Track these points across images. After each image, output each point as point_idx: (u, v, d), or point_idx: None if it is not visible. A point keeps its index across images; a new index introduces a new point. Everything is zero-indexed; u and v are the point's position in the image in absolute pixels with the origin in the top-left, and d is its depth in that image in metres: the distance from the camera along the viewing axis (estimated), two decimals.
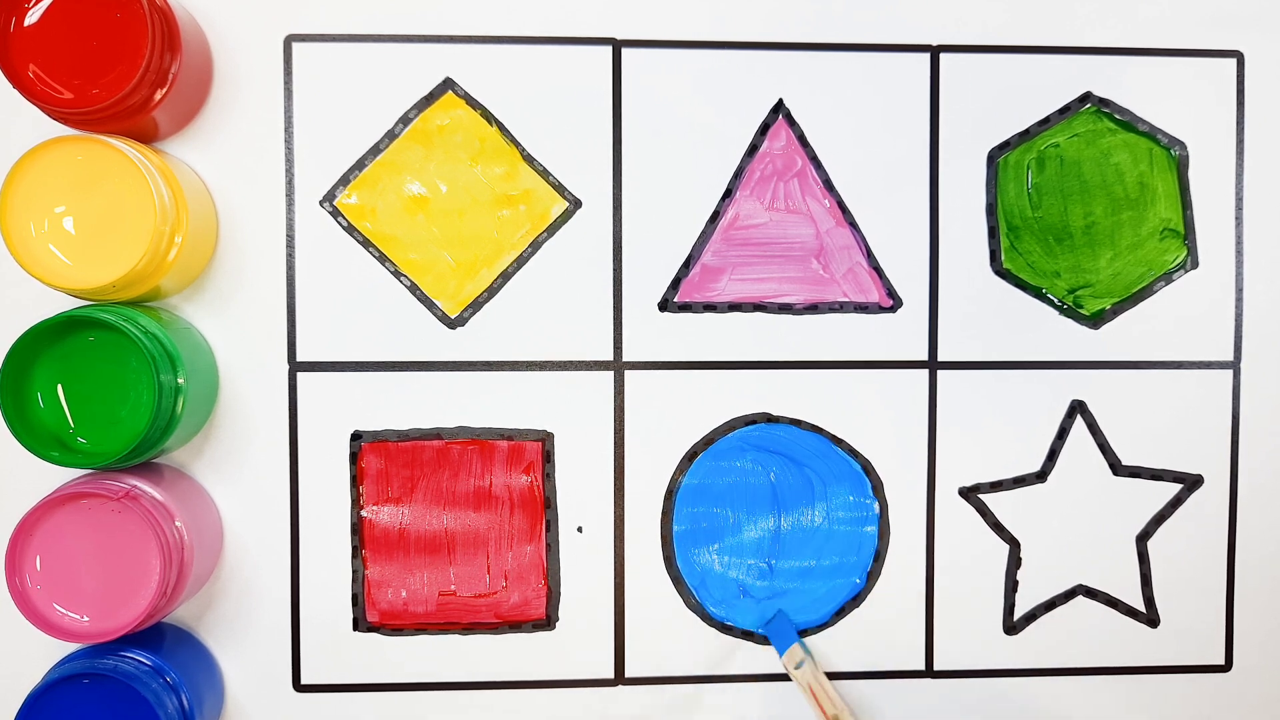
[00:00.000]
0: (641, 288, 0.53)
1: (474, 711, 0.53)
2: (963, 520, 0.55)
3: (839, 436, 0.54)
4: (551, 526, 0.53)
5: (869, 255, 0.54)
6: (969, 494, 0.55)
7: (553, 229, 0.53)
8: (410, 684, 0.53)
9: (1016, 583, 0.55)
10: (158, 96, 0.47)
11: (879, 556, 0.54)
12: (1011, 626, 0.55)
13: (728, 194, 0.53)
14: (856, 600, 0.54)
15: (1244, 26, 0.54)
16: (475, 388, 0.52)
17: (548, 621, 0.53)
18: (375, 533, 0.52)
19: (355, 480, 0.52)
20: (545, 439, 0.53)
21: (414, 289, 0.52)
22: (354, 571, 0.53)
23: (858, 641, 0.54)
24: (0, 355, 0.46)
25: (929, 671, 0.55)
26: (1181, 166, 0.55)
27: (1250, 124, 0.55)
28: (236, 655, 0.52)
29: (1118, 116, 0.54)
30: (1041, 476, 0.55)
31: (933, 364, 0.54)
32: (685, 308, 0.53)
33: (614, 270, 0.53)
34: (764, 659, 0.54)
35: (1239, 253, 0.55)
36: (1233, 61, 0.55)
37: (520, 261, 0.53)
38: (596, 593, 0.53)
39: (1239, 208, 0.55)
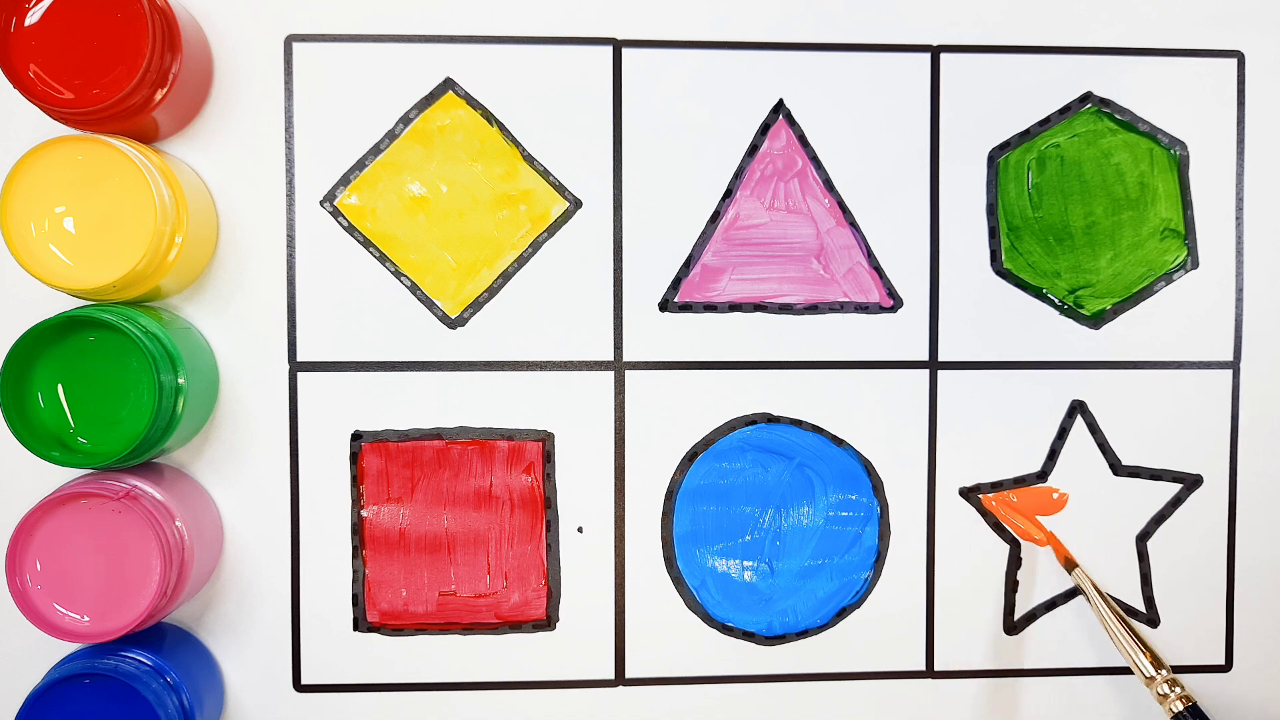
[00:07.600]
0: (642, 288, 0.53)
1: (474, 712, 0.53)
2: (963, 520, 0.55)
3: (839, 436, 0.54)
4: (552, 527, 0.53)
5: (869, 255, 0.54)
6: (969, 494, 0.55)
7: (553, 229, 0.53)
8: (410, 684, 0.53)
9: (1016, 583, 0.55)
10: (158, 96, 0.47)
11: (879, 556, 0.54)
12: (1011, 626, 0.55)
13: (728, 194, 0.53)
14: (857, 600, 0.54)
15: (1244, 26, 0.54)
16: (475, 388, 0.52)
17: (548, 622, 0.53)
18: (375, 533, 0.52)
19: (355, 480, 0.52)
20: (545, 439, 0.53)
21: (414, 289, 0.52)
22: (354, 571, 0.52)
23: (858, 641, 0.54)
24: (0, 355, 0.46)
25: (929, 671, 0.55)
26: (1182, 166, 0.55)
27: (1250, 124, 0.55)
28: (236, 655, 0.52)
29: (1118, 116, 0.54)
30: (1041, 476, 0.55)
31: (933, 364, 0.54)
32: (685, 308, 0.53)
33: (614, 270, 0.53)
34: (764, 659, 0.54)
35: (1239, 253, 0.55)
36: (1233, 61, 0.55)
37: (520, 261, 0.53)
38: (597, 593, 0.53)
39: (1239, 208, 0.55)
